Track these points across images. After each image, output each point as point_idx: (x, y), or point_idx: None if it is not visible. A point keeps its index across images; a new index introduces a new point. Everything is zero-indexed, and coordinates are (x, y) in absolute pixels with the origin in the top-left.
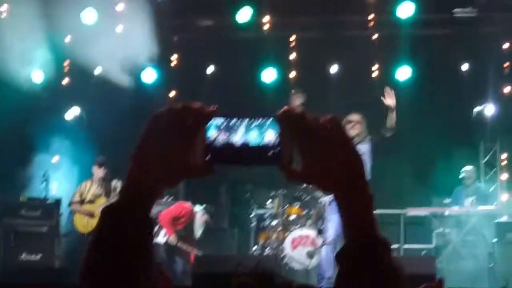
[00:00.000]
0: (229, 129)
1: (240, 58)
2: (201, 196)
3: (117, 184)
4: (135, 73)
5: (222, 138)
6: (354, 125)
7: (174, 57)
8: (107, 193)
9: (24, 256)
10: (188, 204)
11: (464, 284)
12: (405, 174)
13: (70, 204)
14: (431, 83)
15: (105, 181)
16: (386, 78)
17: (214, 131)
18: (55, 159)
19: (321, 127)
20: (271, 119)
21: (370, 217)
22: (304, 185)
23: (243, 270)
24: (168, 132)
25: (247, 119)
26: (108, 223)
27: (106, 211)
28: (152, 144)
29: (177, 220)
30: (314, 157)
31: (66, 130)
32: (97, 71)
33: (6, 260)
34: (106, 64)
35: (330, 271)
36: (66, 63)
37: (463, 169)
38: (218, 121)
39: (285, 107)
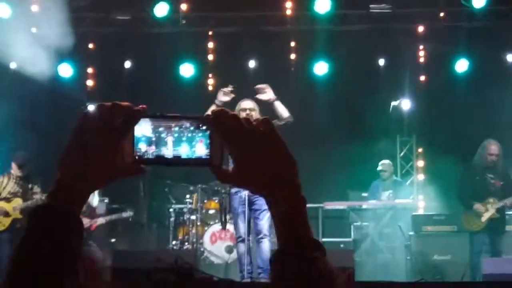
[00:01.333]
0: (159, 141)
1: (157, 52)
2: (119, 191)
3: (36, 189)
4: (52, 68)
5: (152, 151)
6: (248, 113)
7: (91, 51)
8: (24, 193)
9: None
10: None
11: (382, 277)
12: (322, 168)
13: None
14: (348, 77)
15: (23, 180)
16: (304, 72)
17: (144, 144)
18: None
19: (253, 129)
20: (200, 125)
21: (303, 219)
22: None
23: (162, 265)
24: (97, 130)
25: (177, 128)
26: (37, 225)
27: (35, 212)
28: (81, 143)
29: None
30: (246, 159)
31: None
32: (12, 65)
33: None
34: (21, 59)
35: (249, 263)
36: None
37: (380, 162)
38: (147, 130)
39: (217, 109)
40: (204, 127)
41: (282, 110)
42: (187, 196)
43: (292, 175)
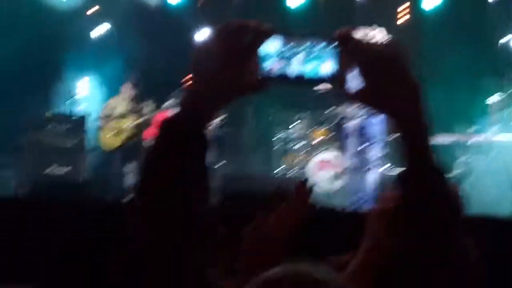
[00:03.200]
0: (285, 59)
1: None
2: (226, 117)
3: (146, 104)
4: None
5: (277, 67)
6: None
7: None
8: (136, 112)
9: (50, 170)
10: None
11: (487, 210)
12: (430, 101)
13: (96, 119)
14: (458, 11)
15: (135, 100)
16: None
17: (269, 62)
18: (84, 77)
19: (383, 51)
20: (328, 44)
21: (428, 143)
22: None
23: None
24: (224, 48)
25: (305, 45)
26: (165, 137)
27: (165, 125)
28: (208, 61)
29: None
30: (374, 79)
31: (94, 47)
32: None
33: (32, 173)
34: None
35: (359, 191)
36: None
37: (489, 98)
38: (274, 47)
39: (346, 29)
40: (331, 46)
41: None
42: (294, 124)
43: (418, 98)
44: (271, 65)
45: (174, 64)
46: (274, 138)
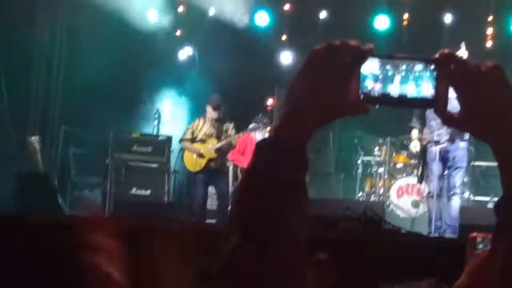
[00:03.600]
0: (385, 79)
1: (353, 3)
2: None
3: (229, 126)
4: (249, 16)
5: (378, 87)
6: None
7: (287, 1)
8: (219, 134)
9: (134, 191)
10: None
11: None
12: None
13: (181, 140)
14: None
15: (218, 122)
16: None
17: (370, 81)
18: (168, 98)
19: (484, 74)
20: (428, 66)
21: None
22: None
23: (351, 214)
24: (326, 68)
25: (404, 66)
26: (263, 158)
27: (262, 145)
28: (309, 80)
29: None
30: (474, 104)
31: (179, 69)
32: (211, 12)
33: (117, 194)
34: (220, 4)
35: (458, 221)
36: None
37: None
38: (374, 68)
39: (445, 50)
40: (432, 68)
41: None
42: (376, 148)
43: None
44: (371, 86)
45: (255, 87)
46: (357, 162)
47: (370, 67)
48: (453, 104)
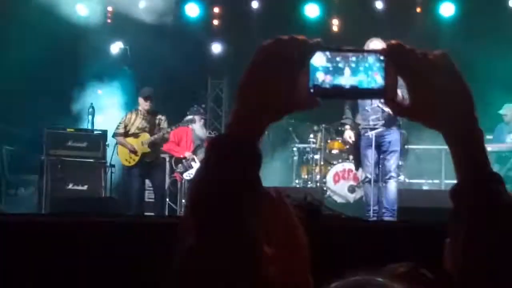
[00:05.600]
0: (336, 71)
1: None
2: None
3: (162, 118)
4: (178, 8)
5: (329, 79)
6: None
7: None
8: (152, 127)
9: (71, 186)
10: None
11: None
12: None
13: (114, 135)
14: (476, 20)
15: (150, 115)
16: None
17: (321, 73)
18: (100, 91)
19: (431, 62)
20: (377, 56)
21: (483, 153)
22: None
23: (291, 202)
24: (275, 63)
25: (354, 58)
26: (215, 154)
27: (213, 143)
28: (258, 76)
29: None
30: (423, 93)
31: (110, 63)
32: (141, 4)
33: (53, 190)
34: None
35: (395, 204)
36: None
37: (504, 106)
38: (323, 61)
39: (394, 42)
40: (380, 58)
41: None
42: (311, 135)
43: (470, 109)
44: (322, 78)
45: (187, 79)
46: (293, 150)
47: (320, 60)
48: (403, 93)
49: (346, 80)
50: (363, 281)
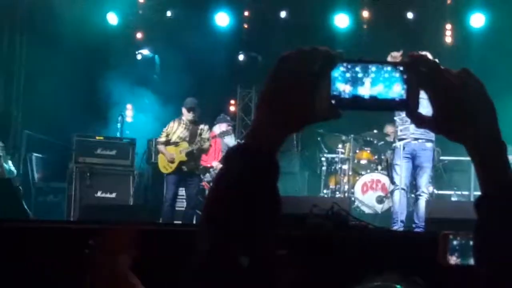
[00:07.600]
0: (356, 81)
1: (312, 2)
2: None
3: (204, 128)
4: (208, 16)
5: (349, 89)
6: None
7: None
8: (192, 136)
9: (99, 194)
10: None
11: None
12: None
13: (156, 143)
14: (506, 30)
15: (193, 124)
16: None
17: (341, 84)
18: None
19: (454, 77)
20: (397, 68)
21: (506, 166)
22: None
23: (318, 211)
24: (295, 74)
25: (374, 69)
26: (233, 164)
27: (232, 153)
28: (279, 87)
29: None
30: (446, 106)
31: (140, 72)
32: (169, 13)
33: (82, 197)
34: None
35: (404, 214)
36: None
37: None
38: (343, 70)
39: (416, 54)
40: (401, 69)
41: None
42: (339, 145)
43: (492, 121)
44: (342, 88)
45: (217, 88)
46: (321, 160)
47: (340, 70)
48: (424, 105)
49: (366, 90)
50: (382, 286)
